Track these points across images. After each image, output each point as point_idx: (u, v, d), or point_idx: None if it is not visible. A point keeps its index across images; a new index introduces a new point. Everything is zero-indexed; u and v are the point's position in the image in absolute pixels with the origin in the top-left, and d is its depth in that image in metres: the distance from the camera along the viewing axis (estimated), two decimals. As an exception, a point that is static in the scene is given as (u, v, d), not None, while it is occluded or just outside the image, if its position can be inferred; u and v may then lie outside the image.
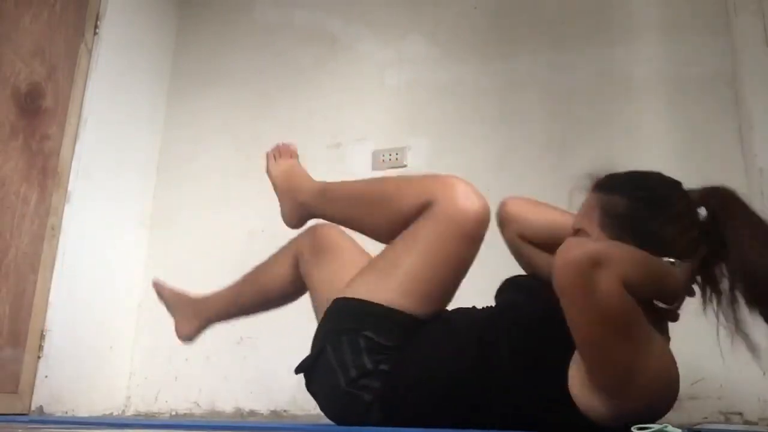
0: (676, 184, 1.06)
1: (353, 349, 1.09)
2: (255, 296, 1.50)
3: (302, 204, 1.36)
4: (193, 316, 1.56)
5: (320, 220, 1.37)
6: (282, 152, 1.49)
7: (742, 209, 0.99)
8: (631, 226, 0.99)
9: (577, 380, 0.93)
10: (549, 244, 1.15)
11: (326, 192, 1.34)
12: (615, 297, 0.84)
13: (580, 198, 1.12)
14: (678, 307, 0.98)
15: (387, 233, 1.21)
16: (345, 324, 1.13)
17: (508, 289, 1.22)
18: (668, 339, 1.03)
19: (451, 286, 1.17)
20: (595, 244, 0.91)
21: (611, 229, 1.01)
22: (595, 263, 0.84)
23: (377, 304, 1.11)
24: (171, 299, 1.62)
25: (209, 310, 1.55)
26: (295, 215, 1.40)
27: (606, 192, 1.06)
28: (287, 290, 1.46)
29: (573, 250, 0.87)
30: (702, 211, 1.03)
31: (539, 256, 1.22)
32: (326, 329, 1.16)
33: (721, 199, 1.01)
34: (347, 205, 1.30)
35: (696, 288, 1.03)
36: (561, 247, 0.89)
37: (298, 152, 2.40)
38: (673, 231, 0.98)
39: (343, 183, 1.33)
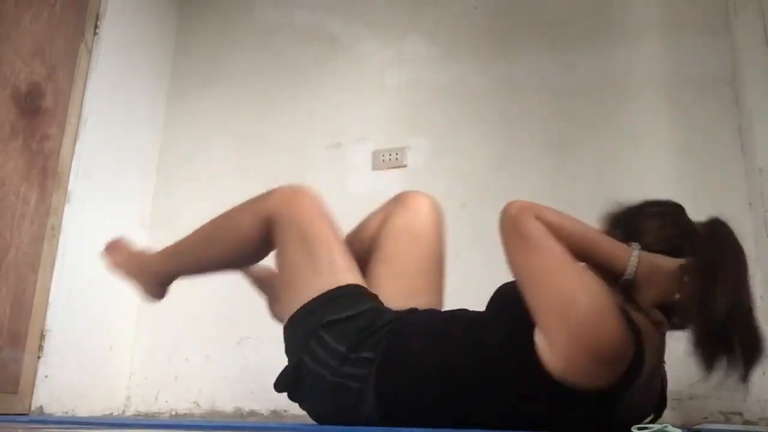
0: (670, 201, 1.15)
1: (322, 344, 1.13)
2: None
3: (154, 273, 1.43)
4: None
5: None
6: (115, 246, 1.53)
7: (731, 248, 1.02)
8: (619, 222, 1.12)
9: (539, 340, 0.95)
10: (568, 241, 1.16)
11: (169, 251, 1.41)
12: (531, 225, 1.01)
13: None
14: (641, 294, 1.01)
15: (243, 260, 1.37)
16: (304, 332, 1.16)
17: (507, 288, 1.22)
18: (662, 348, 1.05)
19: (341, 246, 1.26)
20: (526, 201, 1.06)
21: (608, 231, 1.11)
22: (520, 209, 1.04)
23: (315, 298, 1.17)
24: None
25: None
26: (153, 286, 1.45)
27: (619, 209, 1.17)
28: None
29: (508, 205, 1.06)
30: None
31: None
32: (294, 347, 1.20)
33: (717, 229, 1.05)
34: (195, 253, 1.38)
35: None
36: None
37: (298, 152, 2.42)
38: (647, 223, 1.08)
39: (182, 239, 1.40)
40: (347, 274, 1.22)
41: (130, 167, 2.50)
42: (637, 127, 2.00)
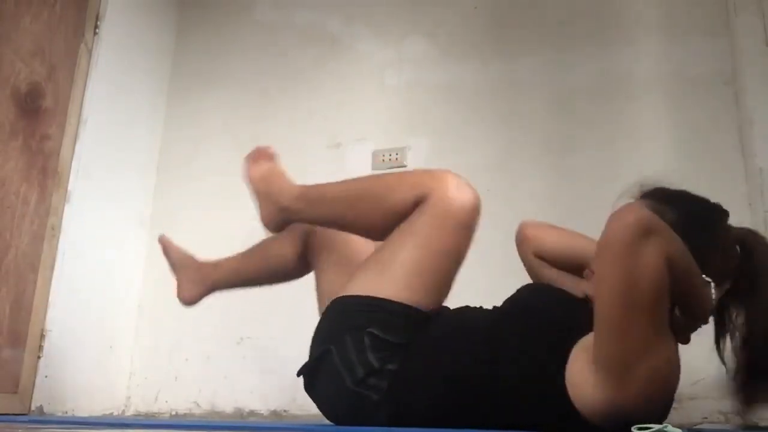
0: (724, 212, 1.09)
1: (358, 347, 1.08)
2: (260, 269, 1.49)
3: (283, 209, 1.32)
4: (200, 281, 1.53)
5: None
6: (261, 155, 1.44)
7: None
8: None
9: (577, 365, 0.93)
10: (561, 261, 1.25)
11: (309, 195, 1.31)
12: (655, 265, 0.86)
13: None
14: (694, 329, 0.99)
15: (381, 231, 1.21)
16: (348, 323, 1.12)
17: (528, 292, 1.20)
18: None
19: (451, 275, 1.19)
20: (653, 214, 0.92)
21: None
22: (649, 229, 0.87)
23: (379, 299, 1.11)
24: (177, 260, 1.57)
25: (216, 277, 1.53)
26: (276, 220, 1.35)
27: (657, 201, 1.08)
28: (292, 268, 1.45)
29: (633, 212, 0.90)
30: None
31: (550, 272, 1.29)
32: (328, 330, 1.16)
33: (759, 245, 1.02)
34: (333, 207, 1.28)
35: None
36: (619, 208, 0.92)
37: (298, 152, 2.42)
38: (712, 254, 1.00)
39: (326, 185, 1.31)
40: (426, 294, 1.14)
41: (131, 167, 2.50)
42: (637, 127, 2.00)
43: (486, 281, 1.25)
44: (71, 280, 2.14)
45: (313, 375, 1.16)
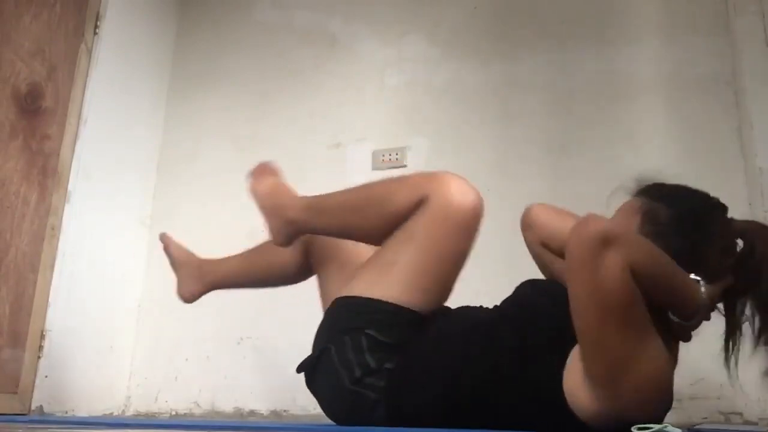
0: (721, 207, 1.07)
1: (356, 348, 1.09)
2: (259, 272, 1.52)
3: (290, 221, 1.30)
4: (200, 279, 1.55)
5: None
6: (264, 170, 1.42)
7: None
8: (668, 237, 1.00)
9: (572, 372, 0.94)
10: None
11: (313, 205, 1.29)
12: (617, 277, 0.85)
13: (620, 199, 1.13)
14: (693, 327, 0.98)
15: (383, 235, 1.20)
16: (347, 323, 1.12)
17: (528, 290, 1.19)
18: (675, 359, 1.02)
19: (451, 279, 1.17)
20: (612, 222, 0.92)
21: (648, 236, 1.00)
22: (606, 241, 0.86)
23: (378, 301, 1.11)
24: (178, 257, 1.59)
25: (216, 276, 1.55)
26: (285, 234, 1.32)
27: (651, 199, 1.07)
28: (292, 273, 1.48)
29: (589, 225, 0.88)
30: (740, 242, 1.03)
31: (558, 263, 1.22)
32: (328, 329, 1.16)
33: (760, 238, 1.00)
34: (338, 215, 1.26)
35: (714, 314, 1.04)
36: (578, 221, 0.90)
37: (298, 152, 2.42)
38: (707, 251, 0.99)
39: (329, 194, 1.30)
40: (426, 296, 1.13)
41: (130, 167, 2.50)
42: (637, 127, 2.00)
43: (485, 281, 1.25)
44: (71, 280, 2.14)
45: (313, 372, 1.16)
